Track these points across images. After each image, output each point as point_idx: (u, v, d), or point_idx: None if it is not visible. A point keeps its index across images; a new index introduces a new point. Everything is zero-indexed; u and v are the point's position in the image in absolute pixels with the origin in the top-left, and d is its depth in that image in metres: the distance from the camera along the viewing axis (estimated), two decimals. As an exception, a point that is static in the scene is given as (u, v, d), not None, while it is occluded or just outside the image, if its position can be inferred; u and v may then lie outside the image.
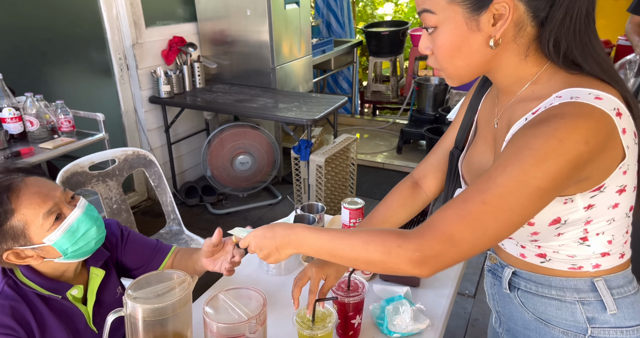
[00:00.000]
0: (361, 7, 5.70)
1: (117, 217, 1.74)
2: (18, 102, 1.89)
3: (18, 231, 0.82)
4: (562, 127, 0.56)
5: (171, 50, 2.80)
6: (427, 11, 0.64)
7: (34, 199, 0.82)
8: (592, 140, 0.56)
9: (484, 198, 0.59)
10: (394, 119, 4.31)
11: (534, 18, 0.61)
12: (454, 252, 0.60)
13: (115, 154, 1.72)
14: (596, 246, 0.69)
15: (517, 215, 0.59)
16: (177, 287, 0.80)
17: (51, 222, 0.83)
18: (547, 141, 0.56)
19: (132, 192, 2.91)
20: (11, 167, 0.86)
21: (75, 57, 2.45)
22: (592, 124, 0.56)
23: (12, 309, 0.82)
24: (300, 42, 3.06)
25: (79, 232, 0.86)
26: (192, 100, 2.71)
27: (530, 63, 0.65)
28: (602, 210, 0.65)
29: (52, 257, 0.86)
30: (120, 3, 2.52)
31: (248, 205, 2.93)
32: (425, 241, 0.61)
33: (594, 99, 0.58)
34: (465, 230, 0.59)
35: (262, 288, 1.10)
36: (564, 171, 0.56)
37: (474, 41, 0.63)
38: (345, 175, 2.70)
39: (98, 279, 0.95)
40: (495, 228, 0.59)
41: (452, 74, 0.68)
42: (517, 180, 0.57)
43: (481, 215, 0.59)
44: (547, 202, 0.59)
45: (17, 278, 0.86)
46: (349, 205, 1.32)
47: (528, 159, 0.57)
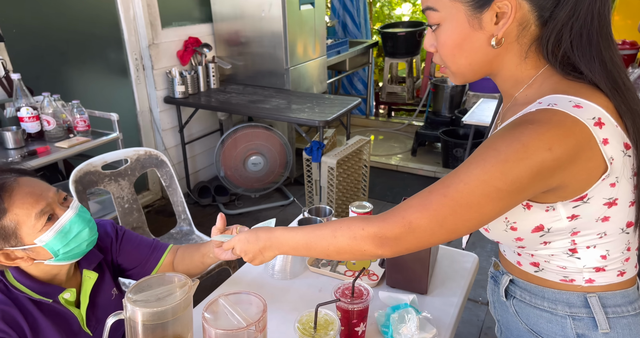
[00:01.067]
0: (378, 7, 5.66)
1: (128, 217, 1.76)
2: (36, 102, 1.93)
3: (9, 231, 0.81)
4: (528, 132, 0.56)
5: (186, 50, 2.83)
6: (431, 9, 0.64)
7: (27, 199, 0.81)
8: (556, 148, 0.55)
9: (446, 191, 0.61)
10: (410, 120, 4.26)
11: (539, 17, 0.60)
12: (412, 237, 0.64)
13: (128, 153, 1.74)
14: (587, 260, 0.67)
15: (475, 213, 0.60)
16: (177, 291, 0.79)
17: (43, 223, 0.82)
18: (511, 144, 0.57)
19: (146, 191, 2.95)
20: (4, 167, 0.86)
21: (93, 58, 2.50)
22: (560, 131, 0.55)
23: (4, 313, 0.81)
24: (314, 42, 3.05)
25: (71, 234, 0.84)
26: (206, 101, 2.73)
27: (529, 65, 0.64)
28: (589, 222, 0.63)
29: (42, 258, 0.85)
30: (137, 4, 2.56)
31: (260, 206, 2.93)
32: (387, 224, 0.65)
33: (572, 107, 0.57)
34: (424, 218, 0.62)
35: (266, 293, 1.10)
36: (524, 175, 0.56)
37: (476, 39, 0.62)
38: (358, 177, 2.67)
39: (91, 282, 0.93)
40: (453, 222, 0.61)
41: (455, 72, 0.68)
42: (478, 178, 0.58)
43: (440, 206, 0.61)
44: (507, 204, 0.60)
45: (8, 282, 0.85)
46: (357, 208, 1.30)
47: (490, 159, 0.58)
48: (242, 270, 1.21)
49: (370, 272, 1.19)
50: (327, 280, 1.16)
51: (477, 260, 1.24)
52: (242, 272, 1.21)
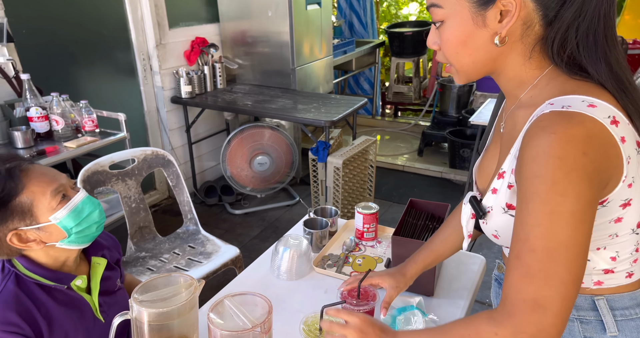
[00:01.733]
0: (385, 7, 5.64)
1: (135, 216, 1.77)
2: (45, 102, 1.94)
3: (25, 208, 0.83)
4: (555, 143, 0.54)
5: (193, 51, 2.84)
6: (435, 5, 0.63)
7: (42, 178, 0.86)
8: (589, 151, 0.54)
9: (530, 245, 0.55)
10: (416, 120, 4.25)
11: (543, 16, 0.59)
12: (550, 315, 0.55)
13: (135, 153, 1.75)
14: (597, 261, 0.65)
15: (574, 246, 0.54)
16: (183, 291, 0.80)
17: (58, 201, 0.86)
18: (547, 163, 0.54)
19: (153, 190, 2.97)
20: (17, 156, 0.90)
21: (101, 58, 2.51)
22: (584, 133, 0.54)
23: (17, 305, 0.83)
24: (321, 42, 3.05)
25: (83, 213, 0.89)
26: (212, 101, 2.73)
27: (533, 65, 0.63)
28: (602, 224, 0.62)
29: (54, 239, 0.87)
30: (145, 5, 2.57)
31: (266, 205, 2.93)
32: (517, 318, 0.56)
33: (587, 106, 0.56)
34: (542, 287, 0.55)
35: (272, 293, 1.10)
36: (582, 187, 0.53)
37: (479, 37, 0.61)
38: (364, 177, 2.67)
39: (101, 268, 0.97)
40: (565, 270, 0.54)
41: (459, 70, 0.67)
42: (545, 213, 0.54)
43: (540, 264, 0.55)
44: (591, 221, 0.56)
45: (19, 272, 0.87)
46: (363, 209, 1.30)
47: (541, 187, 0.54)
48: (248, 271, 1.21)
49: (376, 273, 1.18)
50: (333, 281, 1.16)
51: (484, 262, 1.23)
52: (248, 272, 1.21)
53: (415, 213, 1.21)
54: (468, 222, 0.75)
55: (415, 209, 1.22)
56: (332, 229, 1.35)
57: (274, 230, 2.72)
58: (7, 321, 0.80)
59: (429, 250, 0.94)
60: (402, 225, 1.15)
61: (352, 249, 1.28)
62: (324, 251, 1.27)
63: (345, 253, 1.26)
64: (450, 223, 0.94)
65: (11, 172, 0.83)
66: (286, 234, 1.24)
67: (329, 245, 1.29)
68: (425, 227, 1.17)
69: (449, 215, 0.96)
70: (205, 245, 1.83)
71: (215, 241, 1.84)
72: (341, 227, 1.38)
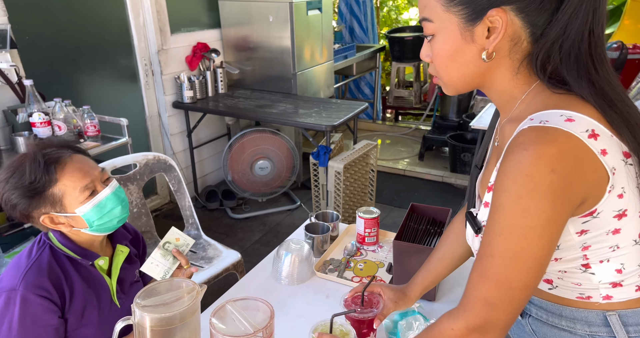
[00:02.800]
0: (385, 12, 5.67)
1: (137, 221, 1.77)
2: (48, 107, 1.96)
3: (56, 198, 0.93)
4: (525, 159, 0.56)
5: (195, 56, 2.85)
6: (426, 19, 0.64)
7: (76, 174, 0.94)
8: (558, 168, 0.55)
9: (490, 251, 0.60)
10: (417, 124, 4.25)
11: (531, 34, 0.60)
12: (498, 313, 0.61)
13: (137, 158, 1.75)
14: (602, 275, 0.65)
15: (528, 259, 0.58)
16: (185, 296, 0.80)
17: (86, 196, 0.95)
18: (515, 178, 0.56)
19: (154, 195, 2.97)
20: (63, 143, 0.99)
21: (103, 64, 2.53)
22: (555, 150, 0.55)
23: (49, 272, 0.93)
24: (322, 47, 3.06)
25: (105, 208, 0.97)
26: (214, 106, 2.75)
27: (521, 80, 0.64)
28: (599, 236, 0.62)
29: (79, 227, 0.97)
30: (147, 11, 2.59)
31: (267, 210, 2.94)
32: (469, 312, 0.64)
33: (564, 121, 0.57)
34: (493, 289, 0.60)
35: (273, 298, 1.10)
36: (544, 204, 0.56)
37: (468, 52, 0.63)
38: (365, 181, 2.67)
39: (123, 256, 1.05)
40: (517, 278, 0.59)
41: (447, 82, 0.68)
42: (506, 225, 0.58)
43: (496, 269, 0.60)
44: (551, 237, 0.58)
45: (53, 244, 0.98)
46: (364, 214, 1.30)
47: (506, 201, 0.58)
48: (249, 275, 1.22)
49: (378, 278, 1.18)
50: (334, 286, 1.16)
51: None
52: (250, 277, 1.21)
53: (416, 217, 1.21)
54: (473, 241, 0.75)
55: (416, 214, 1.22)
56: (333, 234, 1.35)
57: (275, 234, 2.72)
58: (40, 285, 0.90)
59: (426, 271, 0.95)
60: (404, 229, 1.15)
61: (353, 254, 1.28)
62: (326, 256, 1.27)
63: (347, 258, 1.26)
64: (445, 241, 0.94)
65: (48, 166, 0.92)
66: (287, 239, 1.25)
67: (330, 250, 1.29)
68: (427, 232, 1.18)
69: (444, 232, 0.96)
70: (207, 250, 1.83)
71: (216, 246, 1.84)
72: (342, 232, 1.38)
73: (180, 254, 1.02)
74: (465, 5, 0.60)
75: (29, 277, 0.90)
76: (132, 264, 1.09)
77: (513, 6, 0.58)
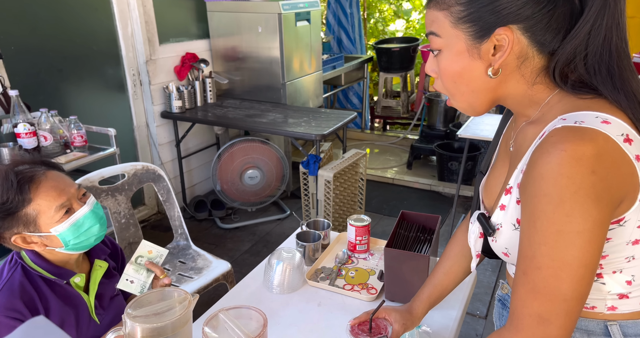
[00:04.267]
0: (372, 23, 5.76)
1: (125, 232, 1.75)
2: (33, 118, 1.93)
3: (30, 218, 0.90)
4: (565, 161, 0.53)
5: (184, 66, 2.85)
6: (433, 34, 0.64)
7: (51, 192, 0.91)
8: (598, 169, 0.53)
9: (536, 263, 0.57)
10: (405, 134, 4.30)
11: (540, 51, 0.60)
12: (554, 328, 0.57)
13: (125, 168, 1.74)
14: (612, 285, 0.64)
15: (579, 267, 0.55)
16: (177, 306, 0.79)
17: (61, 215, 0.91)
18: (556, 181, 0.54)
19: (142, 205, 2.94)
20: (37, 159, 0.95)
21: (90, 74, 2.51)
22: (595, 151, 0.53)
23: (22, 293, 0.90)
24: (310, 58, 3.09)
25: (83, 227, 0.94)
26: (203, 115, 2.74)
27: (540, 90, 0.64)
28: (619, 245, 0.61)
29: (54, 246, 0.94)
30: (135, 21, 2.59)
31: (256, 219, 2.92)
32: (523, 333, 0.59)
33: (601, 122, 0.55)
34: (546, 303, 0.57)
35: (265, 307, 1.09)
36: (589, 207, 0.53)
37: (474, 68, 0.63)
38: (354, 190, 2.68)
39: (102, 271, 1.02)
40: (570, 289, 0.56)
41: (460, 100, 0.67)
42: (551, 232, 0.55)
43: (545, 281, 0.56)
44: (600, 241, 0.56)
45: (25, 264, 0.94)
46: (355, 222, 1.30)
47: (548, 206, 0.54)
48: (240, 285, 1.21)
49: (369, 285, 1.19)
50: (326, 294, 1.16)
51: (475, 274, 1.24)
52: (241, 286, 1.20)
53: (406, 225, 1.22)
54: (476, 242, 0.74)
55: (406, 221, 1.23)
56: (324, 242, 1.36)
57: (264, 244, 2.70)
58: (12, 307, 0.87)
59: (432, 286, 0.92)
60: (394, 237, 1.16)
61: (344, 262, 1.29)
62: (317, 264, 1.27)
63: (338, 266, 1.27)
64: (449, 255, 0.92)
65: (22, 186, 0.88)
66: (279, 247, 1.24)
67: (321, 258, 1.29)
68: (417, 239, 1.19)
69: (447, 245, 0.94)
70: (196, 260, 1.81)
71: (206, 256, 1.83)
72: (334, 240, 1.39)
73: (153, 265, 1.00)
74: (473, 23, 0.60)
75: (1, 300, 0.87)
76: (111, 278, 1.06)
77: (520, 25, 0.58)
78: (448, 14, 0.61)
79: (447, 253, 0.93)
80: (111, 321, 1.05)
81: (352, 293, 1.15)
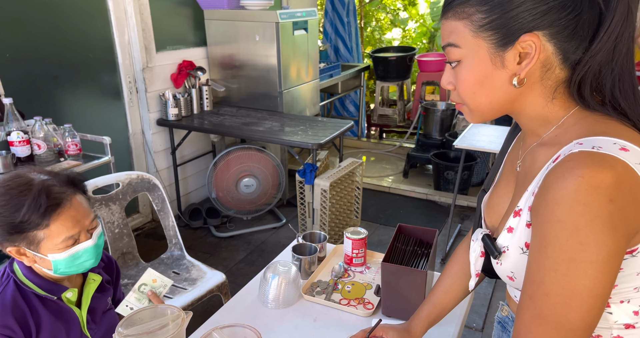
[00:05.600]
0: (369, 32, 5.80)
1: (118, 242, 1.73)
2: (27, 126, 1.91)
3: (37, 240, 0.89)
4: (582, 188, 0.51)
5: (180, 73, 2.85)
6: (452, 45, 0.62)
7: (68, 223, 0.90)
8: (616, 198, 0.51)
9: (545, 289, 0.55)
10: (401, 142, 4.31)
11: (563, 60, 0.59)
12: None
13: (120, 177, 1.72)
14: (620, 315, 0.63)
15: (590, 298, 0.53)
16: (170, 324, 0.78)
17: (66, 245, 0.91)
18: (572, 208, 0.52)
19: (136, 213, 2.91)
20: (67, 175, 0.93)
21: (86, 81, 2.50)
22: (614, 179, 0.51)
23: (14, 308, 0.89)
24: (307, 66, 3.10)
25: (79, 260, 0.94)
26: (199, 123, 2.73)
27: (557, 106, 0.62)
28: (629, 275, 0.59)
29: (43, 266, 0.94)
30: (132, 29, 2.59)
31: (252, 228, 2.90)
32: None
33: (619, 149, 0.53)
34: (552, 331, 0.55)
35: (260, 322, 1.07)
36: (604, 236, 0.51)
37: (497, 78, 0.60)
38: (351, 199, 2.67)
39: (95, 284, 1.01)
40: (579, 319, 0.54)
41: (474, 109, 0.65)
42: (563, 259, 0.53)
43: (553, 308, 0.54)
44: (613, 272, 0.54)
45: (17, 279, 0.94)
46: (352, 235, 1.29)
47: (561, 233, 0.53)
48: (235, 299, 1.19)
49: (366, 300, 1.17)
50: (322, 309, 1.14)
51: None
52: (235, 300, 1.18)
53: (403, 238, 1.21)
54: (477, 261, 0.72)
55: (403, 234, 1.22)
56: (320, 254, 1.34)
57: (260, 253, 2.68)
58: (4, 324, 0.86)
59: (432, 304, 0.91)
60: (391, 251, 1.15)
61: (341, 275, 1.27)
62: (313, 277, 1.25)
63: (335, 279, 1.25)
64: (449, 273, 0.91)
65: (47, 212, 0.86)
66: (274, 260, 1.23)
67: (317, 271, 1.28)
68: (414, 253, 1.18)
69: (448, 263, 0.92)
70: (190, 271, 1.79)
71: (200, 266, 1.80)
72: (330, 252, 1.37)
73: (155, 297, 0.99)
74: (496, 30, 0.58)
75: None
76: (105, 292, 1.06)
77: (545, 31, 0.56)
78: (469, 22, 0.59)
79: (448, 272, 0.91)
80: (103, 336, 1.04)
81: (349, 308, 1.13)
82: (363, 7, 5.25)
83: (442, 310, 0.90)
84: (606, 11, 0.56)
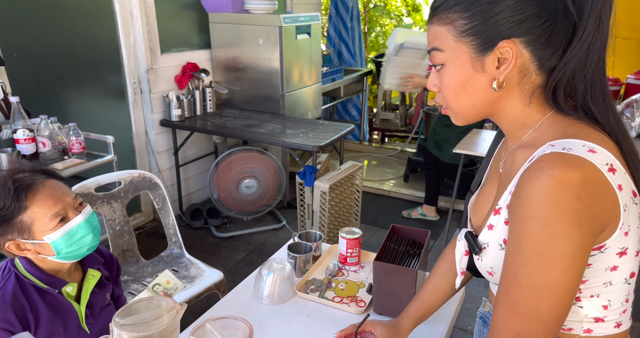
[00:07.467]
0: (373, 37, 5.84)
1: (119, 239, 1.76)
2: (33, 124, 1.95)
3: (25, 226, 0.91)
4: (552, 186, 0.55)
5: (184, 75, 2.89)
6: (436, 49, 0.65)
7: (47, 201, 0.92)
8: (583, 196, 0.55)
9: (518, 282, 0.58)
10: (402, 147, 4.33)
11: (539, 67, 0.62)
12: None
13: (121, 176, 1.75)
14: (590, 309, 0.65)
15: (559, 290, 0.56)
16: (165, 315, 0.80)
17: (55, 223, 0.93)
18: (542, 205, 0.55)
19: (138, 212, 2.95)
20: (37, 168, 0.96)
21: (91, 82, 2.55)
22: (581, 178, 0.55)
23: (14, 303, 0.91)
24: (310, 70, 3.14)
25: (76, 236, 0.95)
26: (202, 124, 2.77)
27: (534, 110, 0.65)
28: (598, 271, 0.62)
29: (46, 254, 0.95)
30: (138, 31, 2.64)
31: (252, 229, 2.93)
32: None
33: (587, 151, 0.57)
34: (524, 322, 0.58)
35: (254, 317, 1.10)
36: (572, 232, 0.55)
37: (478, 81, 0.64)
38: (350, 202, 2.69)
39: (94, 280, 1.03)
40: (549, 310, 0.57)
41: (457, 111, 0.68)
42: (534, 253, 0.56)
43: (525, 300, 0.58)
44: (581, 266, 0.57)
45: (19, 272, 0.95)
46: (347, 234, 1.32)
47: (533, 229, 0.56)
48: (231, 295, 1.21)
49: (359, 298, 1.19)
50: (315, 306, 1.16)
51: (464, 288, 1.25)
52: (231, 296, 1.21)
53: (396, 238, 1.23)
54: (462, 259, 0.75)
55: (397, 235, 1.25)
56: (316, 254, 1.36)
57: (259, 254, 2.70)
58: (4, 318, 0.87)
59: (420, 302, 0.94)
60: (384, 250, 1.17)
61: (335, 274, 1.29)
62: (308, 275, 1.27)
63: (329, 278, 1.27)
64: (437, 272, 0.93)
65: (19, 193, 0.89)
66: (270, 258, 1.25)
67: (312, 270, 1.30)
68: (406, 253, 1.20)
69: (437, 262, 0.95)
70: (189, 269, 1.82)
71: (199, 265, 1.83)
72: (325, 252, 1.40)
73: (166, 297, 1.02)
74: (476, 36, 0.61)
75: None
76: (104, 288, 1.07)
77: (522, 39, 0.60)
78: (451, 28, 0.62)
79: (436, 270, 0.94)
80: (101, 330, 1.06)
81: (341, 305, 1.15)
82: (367, 12, 5.30)
83: (429, 308, 0.93)
84: (579, 22, 0.59)
